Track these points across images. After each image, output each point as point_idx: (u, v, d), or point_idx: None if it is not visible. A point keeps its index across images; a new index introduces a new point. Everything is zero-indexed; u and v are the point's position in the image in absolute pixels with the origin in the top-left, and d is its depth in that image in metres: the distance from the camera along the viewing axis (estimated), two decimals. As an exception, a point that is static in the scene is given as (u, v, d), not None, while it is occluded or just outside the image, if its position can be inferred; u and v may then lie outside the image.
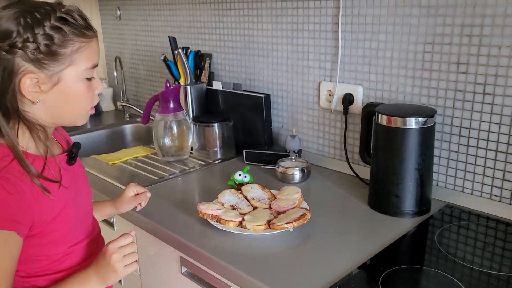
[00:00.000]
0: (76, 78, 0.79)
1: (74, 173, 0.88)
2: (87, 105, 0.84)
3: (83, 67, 0.79)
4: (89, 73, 0.81)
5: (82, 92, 0.81)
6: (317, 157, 1.45)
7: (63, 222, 0.81)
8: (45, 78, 0.77)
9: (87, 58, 0.80)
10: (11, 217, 0.73)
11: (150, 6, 1.95)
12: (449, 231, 1.04)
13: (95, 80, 0.84)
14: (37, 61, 0.75)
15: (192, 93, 1.61)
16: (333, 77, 1.35)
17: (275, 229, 1.01)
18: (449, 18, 1.09)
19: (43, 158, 0.79)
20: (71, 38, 0.77)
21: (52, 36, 0.75)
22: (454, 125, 1.13)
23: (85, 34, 0.79)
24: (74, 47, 0.77)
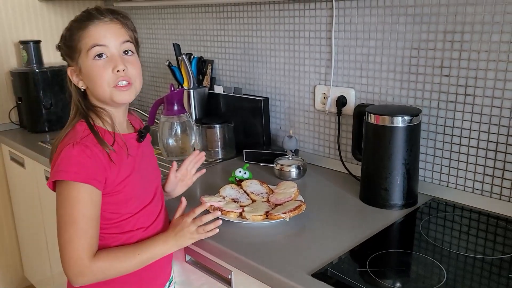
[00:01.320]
0: (88, 60, 0.93)
1: (143, 150, 1.03)
2: (106, 82, 0.94)
3: (87, 49, 0.93)
4: (92, 52, 0.92)
5: (95, 70, 0.93)
6: (313, 156, 1.53)
7: (129, 186, 0.96)
8: (76, 67, 0.96)
9: (88, 41, 0.93)
10: (91, 175, 0.89)
11: (154, 15, 2.05)
12: (435, 222, 1.12)
13: (109, 59, 0.94)
14: (67, 56, 0.98)
15: (195, 97, 1.69)
16: (327, 81, 1.44)
17: (273, 219, 1.09)
18: (433, 25, 1.18)
19: (112, 134, 0.96)
20: (75, 31, 0.94)
21: (65, 34, 0.97)
22: (439, 124, 1.22)
23: (84, 23, 0.93)
24: (78, 37, 0.94)
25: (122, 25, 0.96)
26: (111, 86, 0.94)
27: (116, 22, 0.95)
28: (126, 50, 0.97)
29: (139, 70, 1.00)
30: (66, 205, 0.89)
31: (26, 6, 2.07)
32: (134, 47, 0.99)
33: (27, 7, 2.07)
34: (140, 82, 1.00)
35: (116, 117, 1.00)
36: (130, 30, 0.99)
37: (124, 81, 0.95)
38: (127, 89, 0.96)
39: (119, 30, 0.95)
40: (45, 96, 1.99)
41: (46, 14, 2.12)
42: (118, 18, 0.96)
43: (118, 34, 0.95)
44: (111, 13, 0.96)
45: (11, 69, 2.05)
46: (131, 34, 0.99)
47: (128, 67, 0.95)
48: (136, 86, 0.99)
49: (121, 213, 0.98)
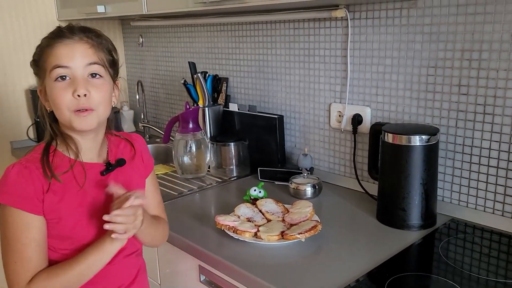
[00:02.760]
0: (50, 81, 0.87)
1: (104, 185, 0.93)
2: (66, 105, 0.86)
3: (49, 69, 0.87)
4: (54, 74, 0.86)
5: (56, 92, 0.87)
6: (328, 174, 1.52)
7: (70, 219, 0.89)
8: (43, 88, 0.91)
9: (51, 61, 0.87)
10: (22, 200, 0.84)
11: (170, 34, 2.08)
12: (455, 244, 1.09)
13: (71, 81, 0.86)
14: (36, 74, 0.92)
15: (210, 115, 1.70)
16: (343, 99, 1.44)
17: (288, 239, 1.07)
18: (450, 43, 1.17)
19: (69, 161, 0.91)
20: (43, 50, 0.89)
21: (36, 50, 0.91)
22: (457, 143, 1.20)
23: (51, 41, 0.88)
24: (45, 56, 0.88)
25: (91, 46, 0.88)
26: (70, 110, 0.87)
27: (84, 42, 0.88)
28: (93, 73, 0.88)
29: (106, 97, 0.91)
30: (2, 227, 0.86)
31: (46, 26, 2.12)
32: (104, 70, 0.90)
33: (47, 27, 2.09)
34: (105, 109, 0.91)
35: (82, 144, 0.92)
36: (103, 51, 0.90)
37: (85, 107, 0.87)
38: (86, 114, 0.87)
39: (86, 51, 0.87)
40: (62, 114, 2.01)
41: (65, 33, 2.16)
42: (90, 37, 0.89)
43: (85, 55, 0.87)
44: (83, 32, 0.89)
45: (30, 87, 2.09)
46: (103, 55, 0.90)
47: (92, 91, 0.87)
48: (99, 113, 0.89)
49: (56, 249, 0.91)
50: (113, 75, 0.94)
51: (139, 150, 1.04)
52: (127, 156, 1.01)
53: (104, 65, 0.90)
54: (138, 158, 1.04)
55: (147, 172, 1.06)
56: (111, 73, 0.93)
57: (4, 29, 2.02)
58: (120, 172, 0.97)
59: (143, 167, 1.05)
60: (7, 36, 2.03)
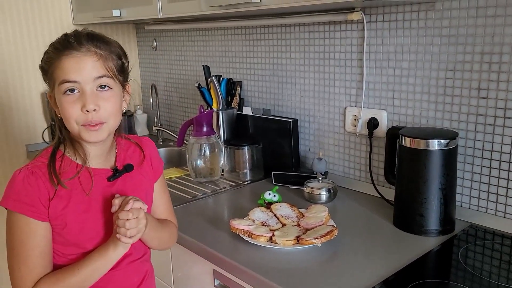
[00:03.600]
0: (59, 93, 0.86)
1: (117, 190, 0.93)
2: (74, 119, 0.86)
3: (58, 82, 0.86)
4: (63, 88, 0.85)
5: (65, 106, 0.86)
6: (343, 179, 1.50)
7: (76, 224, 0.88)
8: (52, 95, 0.90)
9: (59, 74, 0.85)
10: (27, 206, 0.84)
11: (184, 38, 2.09)
12: (474, 251, 1.07)
13: (80, 95, 0.85)
14: (45, 80, 0.91)
15: (223, 118, 1.70)
16: (358, 102, 1.42)
17: (304, 244, 1.06)
18: (469, 46, 1.15)
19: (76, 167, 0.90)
20: (51, 60, 0.86)
21: (43, 57, 0.89)
22: (477, 148, 1.18)
23: (59, 53, 0.85)
24: (53, 67, 0.86)
25: (99, 57, 0.86)
26: (79, 124, 0.86)
27: (92, 54, 0.85)
28: (102, 85, 0.87)
29: (116, 107, 0.90)
30: (8, 231, 0.87)
31: (61, 30, 2.14)
32: (113, 81, 0.88)
33: (62, 31, 2.11)
34: (115, 120, 0.90)
35: (90, 151, 0.92)
36: (112, 59, 0.88)
37: (94, 122, 0.86)
38: (97, 128, 0.87)
39: (94, 64, 0.85)
40: (77, 117, 2.03)
41: (80, 37, 2.18)
42: (98, 47, 0.86)
43: (93, 68, 0.85)
44: (91, 41, 0.86)
45: (45, 90, 2.11)
46: (112, 64, 0.88)
47: (101, 105, 0.86)
48: (109, 125, 0.89)
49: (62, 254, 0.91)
50: (123, 81, 0.93)
51: (148, 154, 1.03)
52: (136, 160, 1.00)
53: (114, 75, 0.88)
54: (147, 163, 1.02)
55: (156, 176, 1.05)
56: (121, 80, 0.91)
57: (20, 33, 2.04)
58: (128, 177, 0.96)
59: (152, 171, 1.03)
60: (23, 40, 2.05)
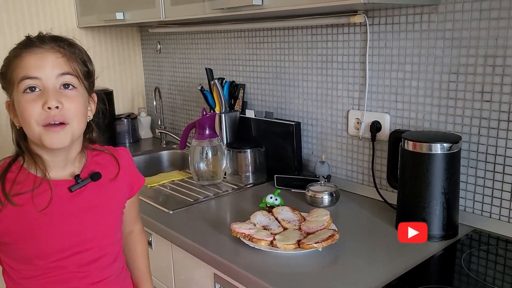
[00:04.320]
0: (18, 94, 0.80)
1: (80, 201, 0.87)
2: (34, 119, 0.79)
3: (17, 81, 0.80)
4: (23, 86, 0.79)
5: (24, 105, 0.79)
6: (346, 182, 1.49)
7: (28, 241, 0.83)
8: (11, 102, 0.85)
9: (19, 72, 0.80)
10: None
11: (188, 40, 2.09)
12: (477, 256, 1.06)
13: (41, 93, 0.80)
14: (3, 88, 0.86)
15: (226, 121, 1.69)
16: (361, 105, 1.41)
17: (305, 248, 1.05)
18: (473, 49, 1.14)
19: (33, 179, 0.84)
20: (11, 60, 0.82)
21: (3, 62, 0.85)
22: (480, 152, 1.17)
23: (19, 51, 0.81)
24: (12, 67, 0.82)
25: (63, 55, 0.82)
26: (40, 124, 0.79)
27: (55, 51, 0.81)
28: (66, 83, 0.82)
29: (80, 109, 0.84)
30: None
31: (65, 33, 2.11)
32: (78, 81, 0.84)
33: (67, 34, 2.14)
34: (79, 123, 0.84)
35: (51, 162, 0.86)
36: (76, 61, 0.84)
37: (56, 121, 0.80)
38: (59, 130, 0.80)
39: (57, 60, 0.81)
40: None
41: (84, 40, 2.19)
42: (62, 46, 0.83)
43: (56, 65, 0.81)
44: (54, 41, 0.83)
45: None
46: (76, 65, 0.84)
47: (65, 103, 0.80)
48: (73, 128, 0.82)
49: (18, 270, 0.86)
50: (88, 88, 0.88)
51: (124, 167, 0.96)
52: (110, 172, 0.93)
53: (78, 75, 0.84)
54: (125, 175, 0.96)
55: (134, 190, 1.00)
56: (86, 85, 0.87)
57: (25, 36, 2.05)
58: (98, 188, 0.90)
59: (128, 188, 0.98)
60: (29, 43, 2.06)
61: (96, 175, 0.90)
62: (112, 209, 0.94)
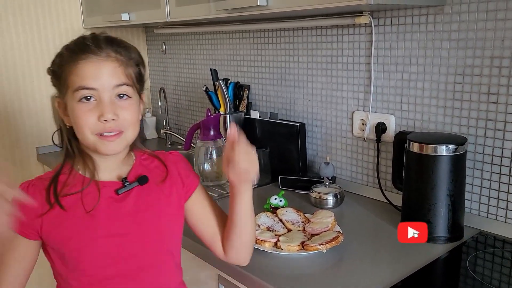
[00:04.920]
0: (73, 101, 0.80)
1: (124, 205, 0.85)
2: (90, 129, 0.80)
3: (73, 89, 0.79)
4: (79, 95, 0.79)
5: (79, 114, 0.79)
6: (350, 184, 1.49)
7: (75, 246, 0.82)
8: (63, 102, 0.84)
9: (75, 80, 0.79)
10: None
11: (193, 41, 2.09)
12: (483, 258, 1.05)
13: (97, 103, 0.79)
14: (55, 85, 0.85)
15: (231, 122, 1.69)
16: (366, 107, 1.41)
17: (309, 250, 1.05)
18: (479, 50, 1.13)
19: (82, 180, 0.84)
20: (65, 63, 0.80)
21: (55, 60, 0.83)
22: (486, 154, 1.16)
23: (75, 56, 0.79)
24: (67, 72, 0.80)
25: (120, 63, 0.81)
26: (94, 134, 0.80)
27: (113, 60, 0.80)
28: (121, 93, 0.81)
29: (135, 117, 0.83)
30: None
31: (71, 33, 2.15)
32: (132, 89, 0.83)
33: (73, 34, 2.13)
34: (134, 130, 0.84)
35: (101, 163, 0.86)
36: (131, 67, 0.83)
37: (112, 131, 0.80)
38: (114, 139, 0.81)
39: (114, 70, 0.80)
40: (86, 120, 2.04)
41: (90, 41, 2.20)
42: (118, 52, 0.81)
43: (113, 75, 0.79)
44: (110, 45, 0.81)
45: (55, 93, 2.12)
46: (131, 72, 0.82)
47: (120, 114, 0.80)
48: (127, 135, 0.83)
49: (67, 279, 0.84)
50: (140, 90, 0.87)
51: (174, 170, 0.93)
52: (157, 177, 0.91)
53: (133, 84, 0.83)
54: (176, 178, 0.93)
55: (188, 193, 0.94)
56: (138, 89, 0.86)
57: (31, 37, 2.07)
58: (144, 193, 0.87)
59: (183, 187, 0.93)
60: (34, 44, 2.08)
61: (143, 179, 0.87)
62: (161, 214, 0.89)
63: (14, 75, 2.06)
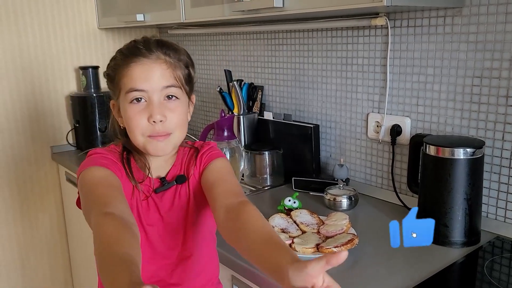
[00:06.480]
0: (125, 102, 0.84)
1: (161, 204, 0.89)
2: (140, 130, 0.83)
3: (125, 91, 0.83)
4: (130, 96, 0.82)
5: (131, 115, 0.83)
6: (365, 186, 1.48)
7: None
8: (116, 103, 0.88)
9: (127, 82, 0.83)
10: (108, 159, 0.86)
11: (207, 42, 2.10)
12: (500, 263, 1.04)
13: (147, 104, 0.82)
14: (110, 88, 0.90)
15: (244, 123, 1.70)
16: (381, 109, 1.40)
17: (324, 252, 1.04)
18: (497, 53, 1.12)
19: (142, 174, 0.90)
20: (118, 66, 0.84)
21: (110, 64, 0.87)
22: (504, 157, 1.14)
23: (127, 59, 0.83)
24: (120, 74, 0.84)
25: (169, 65, 0.83)
26: (145, 135, 0.84)
27: (162, 62, 0.83)
28: (169, 95, 0.84)
29: (182, 119, 0.87)
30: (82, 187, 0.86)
31: (87, 34, 2.18)
32: (181, 91, 0.86)
33: (88, 35, 2.19)
34: (181, 131, 0.87)
35: (152, 162, 0.91)
36: (180, 68, 0.85)
37: (161, 133, 0.84)
38: (162, 139, 0.84)
39: (163, 72, 0.82)
40: (100, 120, 2.07)
41: (105, 41, 2.22)
42: (167, 54, 0.84)
43: (162, 77, 0.82)
44: (160, 48, 0.84)
45: (71, 93, 2.15)
46: (180, 73, 0.85)
47: (168, 116, 0.83)
48: (175, 137, 0.86)
49: None
50: (189, 91, 0.89)
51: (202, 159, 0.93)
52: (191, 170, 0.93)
53: (181, 85, 0.85)
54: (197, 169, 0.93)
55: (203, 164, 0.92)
56: (187, 90, 0.88)
57: (47, 37, 2.09)
58: (183, 189, 0.91)
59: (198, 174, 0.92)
60: (50, 44, 2.10)
61: (181, 178, 0.91)
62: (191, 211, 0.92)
63: (30, 74, 2.08)
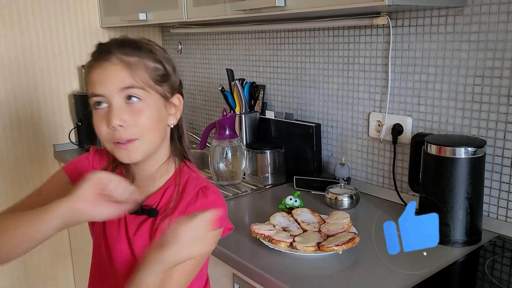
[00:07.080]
0: (92, 108, 0.80)
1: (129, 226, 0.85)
2: (104, 138, 0.78)
3: (89, 96, 0.79)
4: (92, 102, 0.78)
5: (94, 123, 0.79)
6: (366, 185, 1.48)
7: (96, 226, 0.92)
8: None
9: (88, 87, 0.79)
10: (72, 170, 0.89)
11: (209, 41, 2.10)
12: (501, 262, 1.04)
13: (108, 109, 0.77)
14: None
15: (246, 122, 1.70)
16: (383, 108, 1.40)
17: (325, 250, 1.05)
18: (499, 52, 1.12)
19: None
20: (86, 68, 0.81)
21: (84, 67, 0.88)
22: (505, 157, 1.14)
23: (89, 64, 0.79)
24: (86, 78, 0.81)
25: (125, 66, 0.76)
26: (111, 142, 0.78)
27: (116, 63, 0.76)
28: (130, 95, 0.77)
29: (150, 121, 0.78)
30: None
31: (89, 33, 2.19)
32: (145, 92, 0.77)
33: (90, 33, 2.19)
34: (152, 136, 0.79)
35: (137, 173, 0.86)
36: (143, 68, 0.77)
37: (122, 139, 0.77)
38: (127, 146, 0.77)
39: (117, 74, 0.76)
40: (103, 118, 2.07)
41: (107, 39, 2.22)
42: (126, 53, 0.77)
43: (117, 78, 0.76)
44: (120, 48, 0.77)
45: (73, 91, 2.16)
46: (143, 74, 0.77)
47: (129, 119, 0.76)
48: (145, 143, 0.78)
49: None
50: (166, 91, 0.81)
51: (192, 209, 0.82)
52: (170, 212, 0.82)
53: (145, 85, 0.77)
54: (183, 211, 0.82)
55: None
56: (160, 91, 0.80)
57: (50, 36, 2.10)
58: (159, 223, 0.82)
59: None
60: (53, 43, 2.11)
61: (152, 212, 0.81)
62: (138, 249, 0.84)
63: (33, 73, 2.09)
